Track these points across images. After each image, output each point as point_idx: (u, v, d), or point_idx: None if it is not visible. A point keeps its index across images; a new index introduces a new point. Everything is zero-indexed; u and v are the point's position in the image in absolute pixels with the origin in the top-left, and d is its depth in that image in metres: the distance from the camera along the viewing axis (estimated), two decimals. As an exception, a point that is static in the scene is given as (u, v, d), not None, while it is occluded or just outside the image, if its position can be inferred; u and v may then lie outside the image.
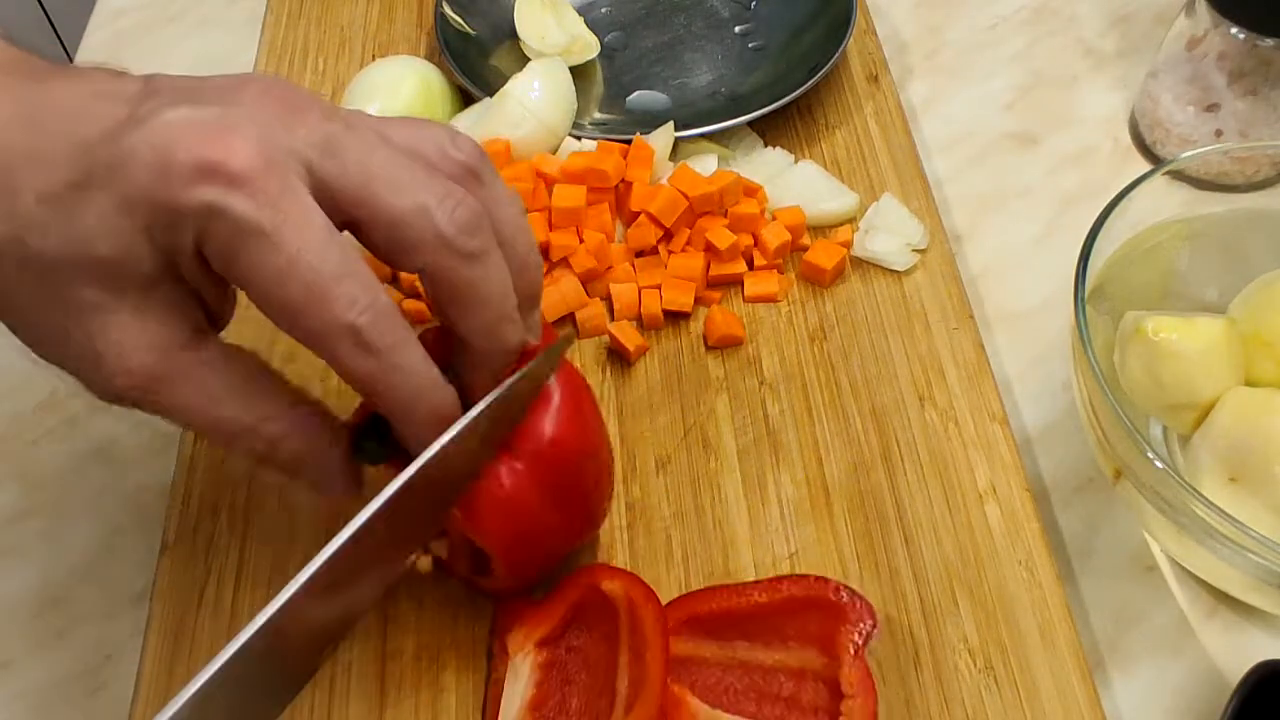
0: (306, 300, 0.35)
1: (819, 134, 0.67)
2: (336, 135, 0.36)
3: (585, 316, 0.58)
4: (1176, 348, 0.46)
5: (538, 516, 0.42)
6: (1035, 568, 0.49)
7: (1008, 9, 0.77)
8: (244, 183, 0.34)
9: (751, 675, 0.45)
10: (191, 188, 0.34)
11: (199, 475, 0.53)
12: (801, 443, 0.53)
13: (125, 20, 0.79)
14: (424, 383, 0.38)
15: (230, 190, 0.34)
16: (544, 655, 0.46)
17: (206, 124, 0.34)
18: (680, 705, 0.44)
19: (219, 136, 0.34)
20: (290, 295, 0.35)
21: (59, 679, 0.49)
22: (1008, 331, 0.60)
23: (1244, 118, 0.62)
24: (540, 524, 0.42)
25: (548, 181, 0.59)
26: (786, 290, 0.59)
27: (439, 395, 0.38)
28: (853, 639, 0.43)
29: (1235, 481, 0.45)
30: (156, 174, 0.34)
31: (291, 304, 0.35)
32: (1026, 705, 0.45)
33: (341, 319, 0.35)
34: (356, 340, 0.35)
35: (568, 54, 0.69)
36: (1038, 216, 0.65)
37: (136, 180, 0.34)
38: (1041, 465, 0.55)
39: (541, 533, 0.43)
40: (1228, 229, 0.55)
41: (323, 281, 0.35)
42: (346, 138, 0.37)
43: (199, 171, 0.34)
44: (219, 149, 0.34)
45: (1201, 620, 0.49)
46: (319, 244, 0.35)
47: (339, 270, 0.35)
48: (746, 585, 0.46)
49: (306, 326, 0.35)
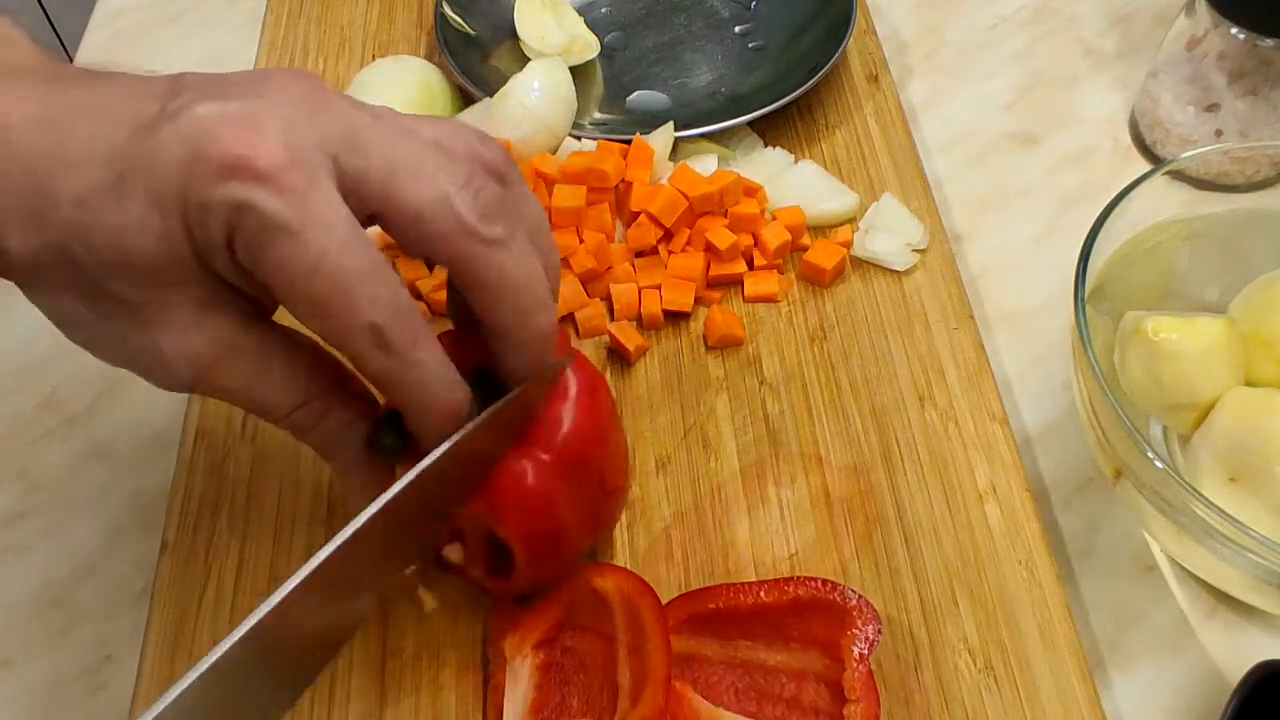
0: (331, 298, 0.35)
1: (819, 134, 0.67)
2: (362, 128, 0.37)
3: (585, 316, 0.58)
4: (1176, 348, 0.46)
5: (560, 510, 0.42)
6: (1035, 568, 0.49)
7: (1008, 9, 0.77)
8: (270, 179, 0.34)
9: (753, 675, 0.45)
10: (220, 184, 0.34)
11: (199, 475, 0.53)
12: (801, 443, 0.53)
13: (125, 20, 0.79)
14: (441, 382, 0.38)
15: (257, 186, 0.34)
16: (541, 657, 0.46)
17: (233, 119, 0.35)
18: (682, 702, 0.44)
19: (246, 132, 0.34)
20: (315, 292, 0.35)
21: (59, 679, 0.49)
22: (1008, 331, 0.60)
23: (1244, 118, 0.62)
24: (562, 518, 0.43)
25: (548, 181, 0.59)
26: (786, 290, 0.59)
27: (456, 394, 0.38)
28: (857, 643, 0.43)
29: (1235, 481, 0.45)
30: (186, 170, 0.34)
31: (316, 301, 0.35)
32: (1026, 705, 0.45)
33: (364, 317, 0.35)
34: (378, 339, 0.36)
35: (568, 54, 0.69)
36: (1038, 216, 0.65)
37: (168, 177, 0.34)
38: (1041, 465, 0.55)
39: (563, 527, 0.43)
40: (1228, 229, 0.55)
41: (347, 279, 0.35)
42: (372, 130, 0.37)
43: (226, 168, 0.34)
44: (245, 144, 0.34)
45: (1201, 620, 0.49)
46: (344, 242, 0.35)
47: (363, 268, 0.35)
48: (752, 585, 0.46)
49: (330, 324, 0.36)
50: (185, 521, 0.51)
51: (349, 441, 0.40)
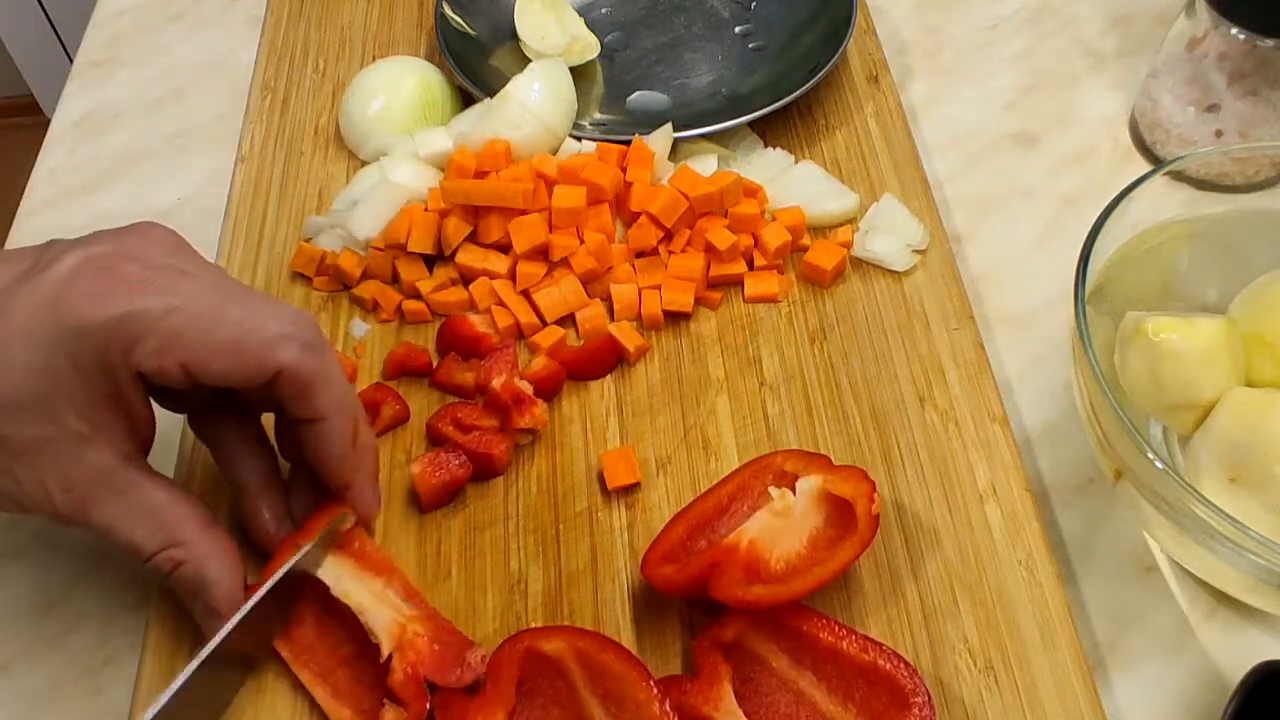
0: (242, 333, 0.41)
1: (819, 134, 0.67)
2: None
3: (585, 317, 0.58)
4: (1176, 348, 0.46)
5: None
6: (1035, 568, 0.49)
7: (1008, 9, 0.77)
8: (144, 286, 0.40)
9: (800, 708, 0.45)
10: (99, 306, 0.39)
11: (198, 477, 0.53)
12: (801, 443, 0.53)
13: (125, 20, 0.79)
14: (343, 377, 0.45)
15: (135, 295, 0.39)
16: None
17: (101, 253, 0.41)
18: (715, 684, 0.44)
19: (114, 267, 0.40)
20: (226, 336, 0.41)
21: (58, 682, 0.49)
22: (1008, 331, 0.60)
23: (1244, 118, 0.62)
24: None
25: (548, 182, 0.59)
26: (786, 290, 0.59)
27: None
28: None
29: (1235, 482, 0.45)
30: (65, 307, 0.39)
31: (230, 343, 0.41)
32: (1026, 705, 0.45)
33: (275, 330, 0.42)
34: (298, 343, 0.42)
35: (568, 54, 0.69)
36: (1038, 217, 0.65)
37: (48, 321, 0.39)
38: (1041, 465, 0.55)
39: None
40: (1228, 229, 0.55)
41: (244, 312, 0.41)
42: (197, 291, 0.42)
43: (102, 293, 0.39)
44: (115, 273, 0.40)
45: (1201, 620, 0.49)
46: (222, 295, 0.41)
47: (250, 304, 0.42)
48: (842, 628, 0.45)
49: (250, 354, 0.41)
50: (185, 522, 0.51)
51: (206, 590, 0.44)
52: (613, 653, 0.44)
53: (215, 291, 0.41)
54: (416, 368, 0.56)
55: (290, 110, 0.70)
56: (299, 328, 0.42)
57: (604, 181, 0.58)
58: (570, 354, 0.56)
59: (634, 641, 0.47)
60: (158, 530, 0.43)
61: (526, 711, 0.45)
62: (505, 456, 0.52)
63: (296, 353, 0.42)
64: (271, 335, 0.41)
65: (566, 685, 0.45)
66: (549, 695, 0.45)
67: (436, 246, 0.59)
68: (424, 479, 0.51)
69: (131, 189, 0.68)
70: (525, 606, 0.49)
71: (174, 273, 0.41)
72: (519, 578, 0.50)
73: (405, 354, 0.56)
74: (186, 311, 0.40)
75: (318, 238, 0.62)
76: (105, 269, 0.40)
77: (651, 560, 0.47)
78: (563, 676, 0.45)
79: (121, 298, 0.39)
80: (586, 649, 0.44)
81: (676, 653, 0.47)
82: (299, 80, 0.72)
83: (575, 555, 0.50)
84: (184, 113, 0.72)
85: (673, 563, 0.47)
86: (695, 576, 0.46)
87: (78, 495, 0.41)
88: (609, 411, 0.55)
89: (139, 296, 0.39)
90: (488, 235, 0.59)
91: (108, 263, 0.40)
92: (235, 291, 0.42)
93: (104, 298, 0.39)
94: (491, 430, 0.53)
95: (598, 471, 0.53)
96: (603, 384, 0.56)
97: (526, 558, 0.50)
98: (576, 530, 0.51)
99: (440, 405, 0.55)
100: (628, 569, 0.49)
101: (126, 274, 0.40)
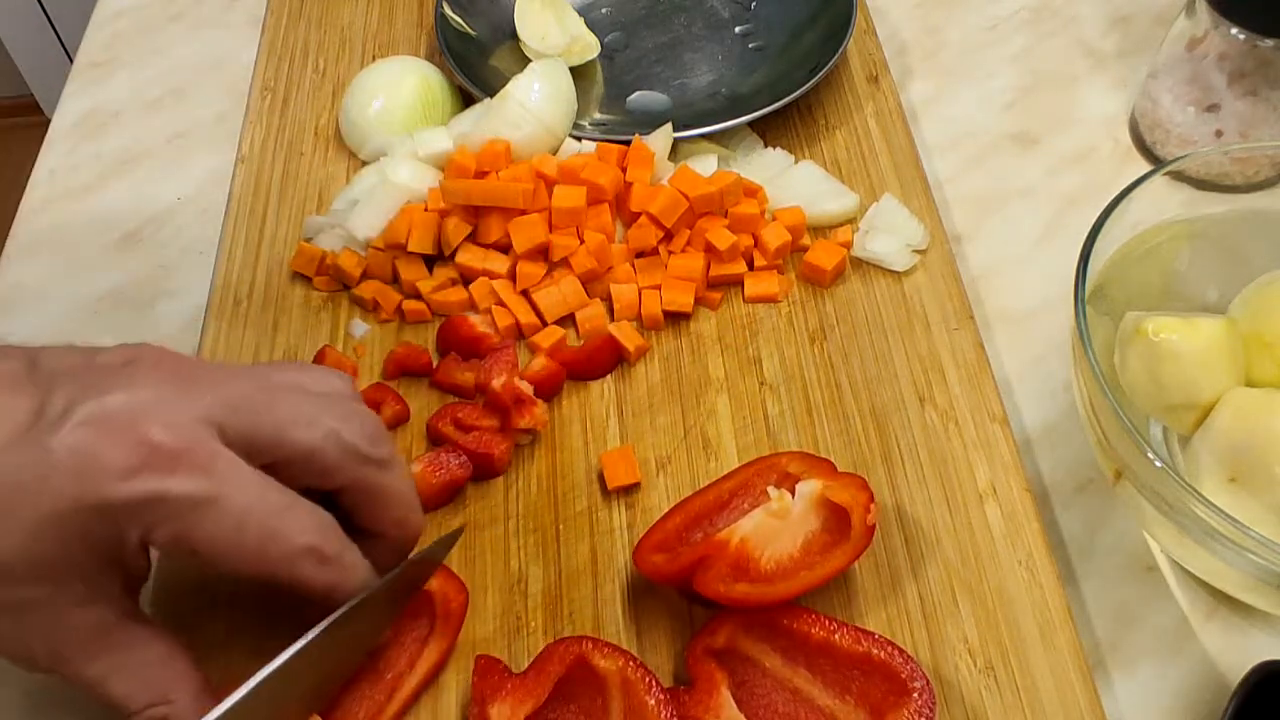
0: (264, 542, 0.38)
1: (819, 134, 0.67)
2: (236, 393, 0.40)
3: (585, 316, 0.58)
4: (1176, 348, 0.46)
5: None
6: (1035, 568, 0.49)
7: (1008, 9, 0.77)
8: (174, 465, 0.37)
9: (799, 706, 0.45)
10: (126, 483, 0.36)
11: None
12: (801, 443, 0.53)
13: (125, 20, 0.79)
14: (365, 572, 0.42)
15: (166, 475, 0.36)
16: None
17: (120, 420, 0.37)
18: (713, 692, 0.44)
19: (136, 429, 0.37)
20: (249, 543, 0.38)
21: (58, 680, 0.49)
22: (1008, 331, 0.60)
23: (1244, 118, 0.62)
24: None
25: (548, 182, 0.59)
26: (786, 291, 0.59)
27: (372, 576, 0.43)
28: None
29: (1235, 481, 0.45)
30: (85, 479, 0.36)
31: (251, 550, 0.38)
32: (1026, 705, 0.45)
33: (299, 544, 0.39)
34: (317, 556, 0.40)
35: (568, 54, 0.69)
36: (1038, 217, 0.65)
37: (64, 491, 0.36)
38: (1041, 465, 0.55)
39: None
40: (1228, 229, 0.55)
41: (274, 520, 0.39)
42: (246, 392, 0.40)
43: (129, 468, 0.36)
44: (140, 443, 0.36)
45: (1201, 620, 0.49)
46: (259, 489, 0.39)
47: (282, 502, 0.39)
48: (833, 621, 0.45)
49: (271, 563, 0.39)
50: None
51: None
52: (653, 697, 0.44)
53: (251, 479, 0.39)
54: (416, 368, 0.56)
55: (290, 110, 0.70)
56: (324, 538, 0.40)
57: (604, 181, 0.58)
58: (570, 354, 0.56)
59: (633, 641, 0.48)
60: (147, 688, 0.41)
61: (556, 711, 0.45)
62: (505, 456, 0.52)
63: (312, 568, 0.40)
64: (294, 550, 0.39)
65: (603, 706, 0.44)
66: (583, 706, 0.45)
67: (436, 246, 0.59)
68: (424, 479, 0.51)
69: (131, 189, 0.68)
70: (525, 606, 0.49)
71: (207, 441, 0.38)
72: (519, 578, 0.50)
73: (405, 354, 0.56)
74: (217, 509, 0.37)
75: (318, 238, 0.62)
76: (127, 428, 0.36)
77: (644, 548, 0.47)
78: (603, 695, 0.45)
79: (152, 476, 0.36)
80: (635, 682, 0.44)
81: (676, 652, 0.47)
82: (299, 80, 0.72)
83: (575, 555, 0.50)
84: (184, 113, 0.72)
85: (665, 552, 0.47)
86: (684, 568, 0.46)
87: (65, 653, 0.39)
88: (609, 411, 0.55)
89: (171, 478, 0.36)
90: (488, 235, 0.59)
91: (129, 420, 0.37)
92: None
93: (131, 474, 0.36)
94: (491, 430, 0.53)
95: (598, 471, 0.53)
96: (603, 384, 0.56)
97: (526, 558, 0.50)
98: (576, 530, 0.51)
99: (440, 405, 0.55)
100: (628, 569, 0.49)
101: (154, 440, 0.36)
